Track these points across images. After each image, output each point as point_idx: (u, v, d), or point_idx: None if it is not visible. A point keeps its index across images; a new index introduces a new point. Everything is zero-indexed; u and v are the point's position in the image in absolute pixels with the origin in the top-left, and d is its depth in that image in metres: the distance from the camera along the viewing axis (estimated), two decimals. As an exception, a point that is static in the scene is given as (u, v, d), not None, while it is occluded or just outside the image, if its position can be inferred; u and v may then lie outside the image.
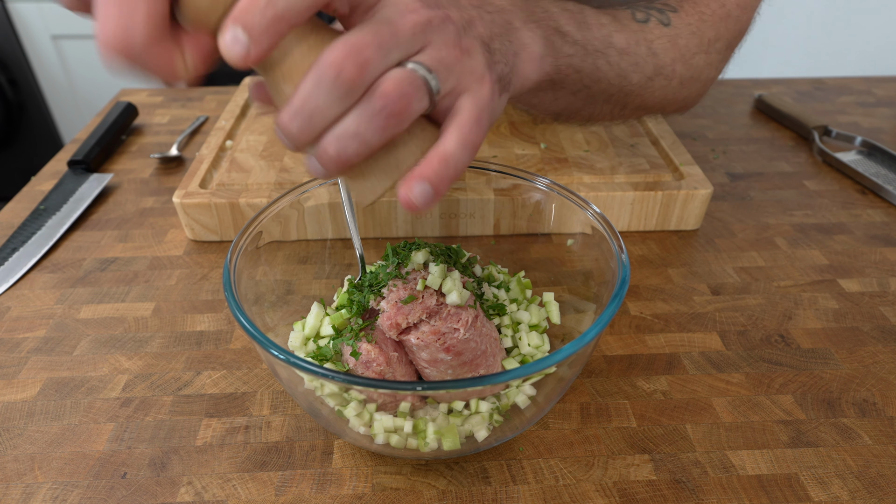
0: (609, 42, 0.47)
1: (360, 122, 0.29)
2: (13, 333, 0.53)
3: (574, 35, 0.45)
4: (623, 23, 0.49)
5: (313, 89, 0.29)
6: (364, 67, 0.29)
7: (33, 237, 0.64)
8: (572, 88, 0.48)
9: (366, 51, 0.29)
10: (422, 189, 0.31)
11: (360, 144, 0.30)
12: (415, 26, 0.31)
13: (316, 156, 0.31)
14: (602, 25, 0.47)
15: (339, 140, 0.30)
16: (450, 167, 0.32)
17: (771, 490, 0.40)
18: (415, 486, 0.41)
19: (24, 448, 0.43)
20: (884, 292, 0.57)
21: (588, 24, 0.46)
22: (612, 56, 0.48)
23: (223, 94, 0.95)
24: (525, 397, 0.40)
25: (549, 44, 0.42)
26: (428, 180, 0.31)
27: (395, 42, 0.30)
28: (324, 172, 0.31)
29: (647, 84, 0.51)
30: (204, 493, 0.40)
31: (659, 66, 0.51)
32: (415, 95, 0.30)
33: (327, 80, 0.29)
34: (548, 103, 0.49)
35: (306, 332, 0.44)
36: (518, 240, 0.56)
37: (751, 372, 0.49)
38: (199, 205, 0.61)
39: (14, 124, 1.93)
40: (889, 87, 1.00)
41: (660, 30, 0.51)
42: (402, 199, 0.32)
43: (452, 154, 0.32)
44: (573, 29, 0.45)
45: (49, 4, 1.75)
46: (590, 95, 0.49)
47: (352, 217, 0.43)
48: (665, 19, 0.52)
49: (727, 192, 0.72)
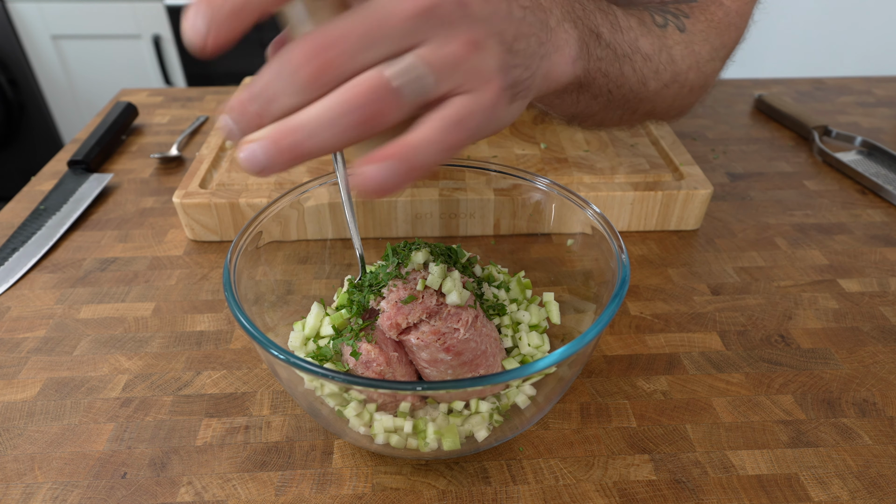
0: (636, 46, 0.46)
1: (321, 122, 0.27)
2: (13, 333, 0.53)
3: (607, 37, 0.43)
4: (648, 27, 0.48)
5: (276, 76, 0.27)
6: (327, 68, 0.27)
7: (33, 237, 0.64)
8: (596, 92, 0.46)
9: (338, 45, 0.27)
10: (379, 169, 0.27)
11: (316, 145, 0.27)
12: (414, 16, 0.27)
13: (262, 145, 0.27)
14: (630, 28, 0.46)
15: (293, 133, 0.27)
16: (408, 160, 0.28)
17: (771, 490, 0.40)
18: (415, 486, 0.41)
19: (24, 448, 0.43)
20: (884, 292, 0.57)
21: (620, 26, 0.45)
22: (637, 62, 0.46)
23: (223, 94, 0.95)
24: (525, 397, 0.40)
25: (584, 46, 0.40)
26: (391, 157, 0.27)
27: (382, 35, 0.27)
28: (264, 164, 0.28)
29: (661, 91, 0.50)
30: (204, 493, 0.40)
31: (676, 73, 0.50)
32: (389, 107, 0.27)
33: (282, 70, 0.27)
34: (568, 105, 0.47)
35: (306, 332, 0.44)
36: (518, 240, 0.56)
37: (751, 372, 0.49)
38: (199, 205, 0.61)
39: (14, 124, 1.93)
40: (889, 87, 1.00)
41: (678, 35, 0.50)
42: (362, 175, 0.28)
43: (416, 146, 0.28)
44: (607, 30, 0.43)
45: (49, 4, 1.75)
46: (610, 100, 0.48)
47: (352, 217, 0.43)
48: (681, 25, 0.50)
49: (727, 192, 0.72)
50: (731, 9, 0.55)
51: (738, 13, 0.55)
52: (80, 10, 1.76)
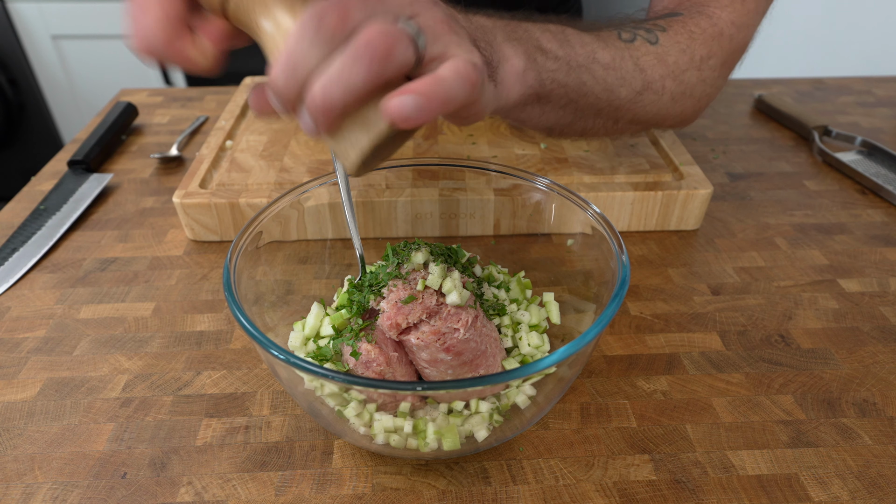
0: (593, 57, 0.48)
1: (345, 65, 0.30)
2: (13, 333, 0.53)
3: (556, 51, 0.46)
4: (607, 41, 0.50)
5: (297, 42, 0.31)
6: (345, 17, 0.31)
7: (33, 237, 0.64)
8: (559, 103, 0.48)
9: (350, 3, 0.31)
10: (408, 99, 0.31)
11: (344, 89, 0.30)
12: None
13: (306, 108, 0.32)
14: (585, 43, 0.48)
15: (324, 87, 0.31)
16: (442, 89, 0.32)
17: (771, 490, 0.40)
18: (415, 486, 0.41)
19: (24, 448, 0.43)
20: (884, 292, 0.57)
21: (570, 42, 0.47)
22: (596, 70, 0.48)
23: (223, 94, 0.95)
24: (525, 397, 0.40)
25: (531, 59, 0.43)
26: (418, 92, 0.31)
27: (382, 4, 0.32)
28: (313, 127, 0.32)
29: (636, 98, 0.52)
30: (204, 494, 0.40)
31: (647, 81, 0.51)
32: (399, 43, 0.31)
33: (310, 30, 0.30)
34: (536, 118, 0.50)
35: (306, 333, 0.44)
36: (518, 240, 0.56)
37: (751, 372, 0.49)
38: (199, 205, 0.61)
39: (14, 124, 1.93)
40: (889, 87, 1.00)
41: (646, 47, 0.52)
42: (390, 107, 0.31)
43: (446, 79, 0.32)
44: (555, 46, 0.46)
45: (49, 4, 1.75)
46: (577, 109, 0.50)
47: (352, 217, 0.43)
48: (652, 38, 0.52)
49: (727, 192, 0.72)
50: (723, 18, 0.55)
51: (732, 24, 0.55)
52: (80, 10, 1.76)
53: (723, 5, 0.56)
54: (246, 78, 0.88)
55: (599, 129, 0.54)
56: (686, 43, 0.53)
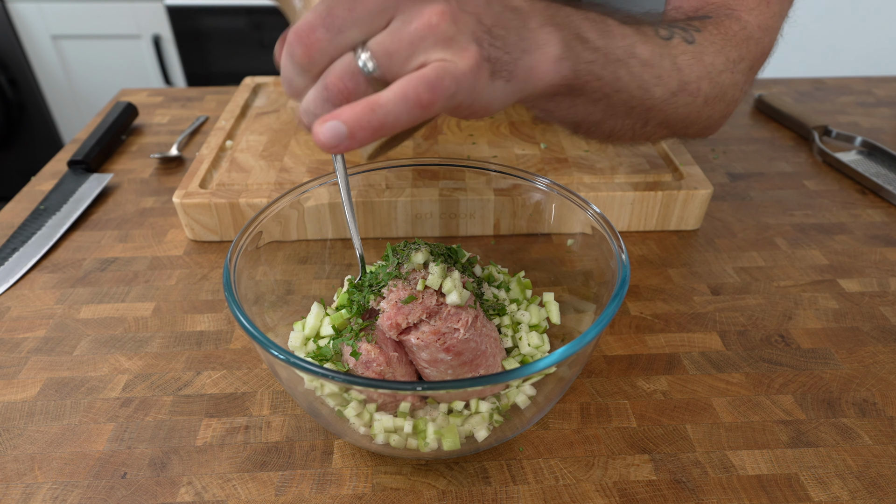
0: (632, 52, 0.46)
1: (316, 103, 0.34)
2: (13, 333, 0.53)
3: (595, 42, 0.44)
4: (647, 35, 0.48)
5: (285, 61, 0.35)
6: (311, 50, 0.33)
7: (33, 237, 0.64)
8: (592, 97, 0.46)
9: (315, 32, 0.33)
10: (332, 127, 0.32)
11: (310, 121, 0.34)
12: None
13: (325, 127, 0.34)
14: (625, 36, 0.46)
15: (304, 113, 0.35)
16: (375, 115, 0.32)
17: (771, 490, 0.40)
18: (415, 486, 0.41)
19: (24, 448, 0.43)
20: (884, 292, 0.57)
21: (611, 33, 0.45)
22: (634, 66, 0.46)
23: (223, 94, 0.95)
24: (525, 397, 0.40)
25: (569, 47, 0.41)
26: (344, 121, 0.32)
27: (352, 19, 0.33)
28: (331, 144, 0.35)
29: (670, 99, 0.50)
30: (204, 493, 0.40)
31: (684, 81, 0.50)
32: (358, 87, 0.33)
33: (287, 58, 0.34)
34: (565, 110, 0.47)
35: (306, 332, 0.44)
36: (518, 240, 0.56)
37: (751, 372, 0.49)
38: (199, 205, 0.61)
39: (14, 124, 1.93)
40: (889, 87, 1.00)
41: (683, 46, 0.50)
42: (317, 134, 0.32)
43: (383, 104, 0.32)
44: (595, 36, 0.44)
45: (49, 4, 1.75)
46: (609, 105, 0.48)
47: (352, 217, 0.43)
48: (689, 37, 0.50)
49: (727, 192, 0.72)
50: (751, 22, 0.54)
51: (759, 27, 0.54)
52: (80, 10, 1.76)
53: (749, 8, 0.55)
54: (246, 78, 0.88)
55: (627, 131, 0.52)
56: (721, 44, 0.52)
